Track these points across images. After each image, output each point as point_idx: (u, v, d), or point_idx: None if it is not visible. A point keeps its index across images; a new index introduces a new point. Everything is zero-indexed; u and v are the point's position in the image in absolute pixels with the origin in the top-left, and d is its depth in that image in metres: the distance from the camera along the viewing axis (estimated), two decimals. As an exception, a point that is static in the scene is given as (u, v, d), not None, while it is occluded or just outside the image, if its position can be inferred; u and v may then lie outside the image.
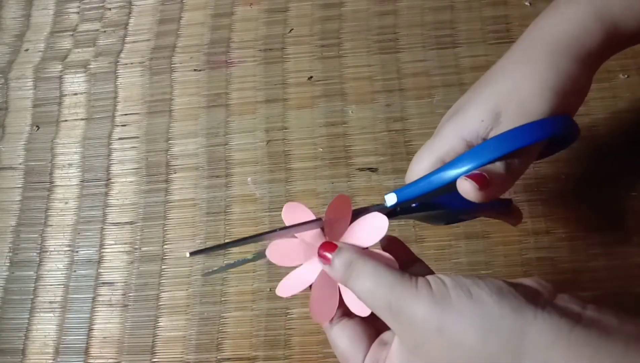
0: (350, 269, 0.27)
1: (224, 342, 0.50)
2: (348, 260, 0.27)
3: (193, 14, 0.63)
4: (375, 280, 0.26)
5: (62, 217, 0.56)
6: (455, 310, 0.23)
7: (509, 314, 0.22)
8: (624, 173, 0.51)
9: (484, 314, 0.22)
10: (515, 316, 0.22)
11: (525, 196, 0.51)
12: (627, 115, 0.53)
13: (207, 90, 0.59)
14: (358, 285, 0.26)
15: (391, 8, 0.60)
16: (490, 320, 0.22)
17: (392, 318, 0.25)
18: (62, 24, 0.65)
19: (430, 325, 0.23)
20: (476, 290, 0.23)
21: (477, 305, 0.23)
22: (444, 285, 0.24)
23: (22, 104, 0.62)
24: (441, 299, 0.23)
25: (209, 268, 0.52)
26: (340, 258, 0.27)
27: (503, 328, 0.22)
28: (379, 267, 0.26)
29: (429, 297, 0.24)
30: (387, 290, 0.25)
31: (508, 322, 0.22)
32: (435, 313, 0.23)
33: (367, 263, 0.26)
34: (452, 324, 0.23)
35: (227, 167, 0.56)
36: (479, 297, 0.23)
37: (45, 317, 0.53)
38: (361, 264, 0.27)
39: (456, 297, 0.23)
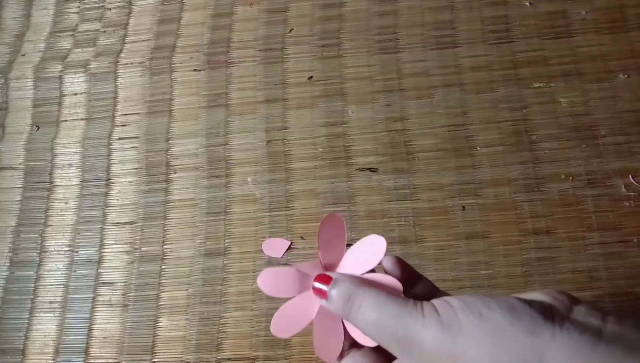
0: (350, 302, 0.25)
1: (224, 342, 0.50)
2: (347, 292, 0.25)
3: (193, 14, 0.63)
4: (379, 311, 0.24)
5: (62, 217, 0.56)
6: (466, 335, 0.21)
7: (525, 336, 0.21)
8: (624, 173, 0.51)
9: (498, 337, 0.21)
10: (532, 337, 0.20)
11: (525, 196, 0.51)
12: (627, 115, 0.53)
13: (207, 90, 0.59)
14: (360, 318, 0.25)
15: (391, 8, 0.60)
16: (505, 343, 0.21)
17: (400, 351, 0.23)
18: (62, 24, 0.65)
19: (443, 354, 0.22)
20: (487, 312, 0.22)
21: (489, 328, 0.21)
22: (452, 309, 0.22)
23: (22, 104, 0.62)
24: (450, 325, 0.22)
25: (210, 269, 0.52)
26: (338, 290, 0.26)
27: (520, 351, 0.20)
28: (381, 296, 0.24)
29: (437, 323, 0.22)
30: (392, 321, 0.23)
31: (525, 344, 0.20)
32: (446, 340, 0.22)
33: (368, 294, 0.25)
34: (465, 351, 0.21)
35: (227, 167, 0.56)
36: (491, 319, 0.21)
37: (45, 317, 0.53)
38: (361, 295, 0.25)
39: (466, 321, 0.22)
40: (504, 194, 0.51)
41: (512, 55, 0.56)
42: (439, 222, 0.51)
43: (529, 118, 0.54)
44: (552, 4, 0.58)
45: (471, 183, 0.52)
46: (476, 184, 0.52)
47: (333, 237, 0.28)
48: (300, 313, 0.28)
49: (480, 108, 0.55)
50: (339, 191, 0.53)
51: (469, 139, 0.54)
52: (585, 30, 0.57)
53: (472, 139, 0.54)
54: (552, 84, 0.55)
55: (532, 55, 0.56)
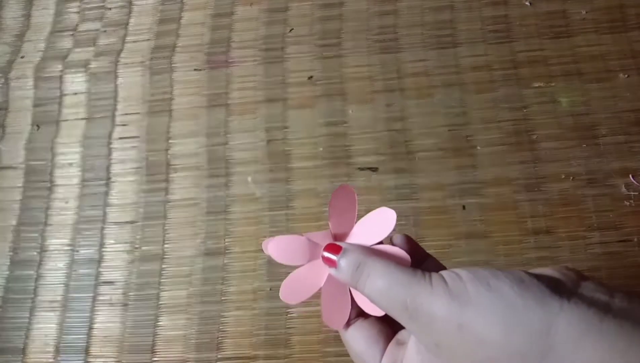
0: (359, 271, 0.25)
1: (224, 341, 0.50)
2: (356, 261, 0.26)
3: (193, 14, 0.63)
4: (388, 279, 0.24)
5: (63, 216, 0.56)
6: (475, 305, 0.21)
7: (533, 306, 0.21)
8: (624, 173, 0.51)
9: (506, 307, 0.21)
10: (540, 308, 0.20)
11: (525, 196, 0.51)
12: (627, 115, 0.53)
13: (207, 90, 0.59)
14: (369, 286, 0.25)
15: (391, 8, 0.60)
16: (514, 313, 0.21)
17: (408, 319, 0.23)
18: (62, 24, 0.65)
19: (451, 323, 0.22)
20: (496, 283, 0.22)
21: (498, 299, 0.21)
22: (460, 280, 0.23)
23: (22, 103, 0.62)
24: (459, 295, 0.22)
25: (211, 268, 0.52)
26: (347, 259, 0.26)
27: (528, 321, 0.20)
28: (390, 266, 0.25)
29: (446, 293, 0.22)
30: (401, 290, 0.23)
31: (533, 314, 0.21)
32: (454, 309, 0.22)
33: (377, 263, 0.25)
34: (473, 320, 0.21)
35: (228, 167, 0.56)
36: (499, 290, 0.21)
37: (46, 316, 0.53)
38: (370, 264, 0.25)
39: (475, 292, 0.22)
40: (504, 194, 0.51)
41: (512, 55, 0.56)
42: (439, 221, 0.51)
43: (529, 118, 0.54)
44: (552, 4, 0.58)
45: (471, 183, 0.52)
46: (476, 184, 0.52)
47: (344, 208, 0.29)
48: (309, 280, 0.28)
49: (481, 108, 0.55)
50: (339, 191, 0.53)
51: (469, 138, 0.54)
52: (585, 30, 0.57)
53: (472, 138, 0.54)
54: (552, 84, 0.55)
55: (532, 55, 0.56)
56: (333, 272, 0.27)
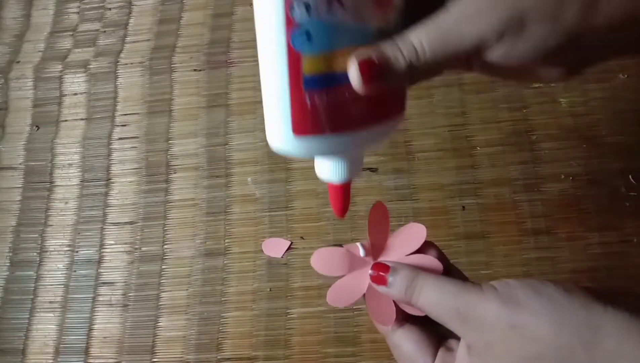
0: (412, 287, 0.27)
1: (224, 341, 0.50)
2: (409, 278, 0.27)
3: (193, 14, 0.63)
4: (440, 290, 0.26)
5: (62, 217, 0.56)
6: (526, 307, 0.23)
7: (580, 308, 0.22)
8: (624, 173, 0.51)
9: (555, 309, 0.23)
10: (586, 310, 0.22)
11: (525, 196, 0.51)
12: (627, 115, 0.53)
13: (207, 90, 0.59)
14: (422, 299, 0.27)
15: (391, 8, 0.60)
16: (562, 314, 0.22)
17: (460, 323, 0.25)
18: (62, 24, 0.65)
19: (503, 323, 0.23)
20: (544, 288, 0.24)
21: (547, 301, 0.23)
22: (510, 286, 0.24)
23: (22, 104, 0.62)
24: (509, 299, 0.24)
25: (210, 269, 0.52)
26: (399, 277, 0.28)
27: (575, 321, 0.22)
28: (441, 279, 0.26)
29: (496, 297, 0.24)
30: (453, 298, 0.25)
31: (579, 315, 0.22)
32: (505, 312, 0.23)
33: (428, 277, 0.27)
34: (525, 320, 0.23)
35: (227, 167, 0.56)
36: (547, 294, 0.23)
37: (46, 316, 0.53)
38: (422, 279, 0.27)
39: (524, 296, 0.24)
40: (504, 194, 0.51)
41: (512, 55, 0.56)
42: (439, 222, 0.51)
43: (529, 118, 0.54)
44: (552, 4, 0.58)
45: (471, 183, 0.52)
46: (476, 184, 0.52)
47: (379, 223, 0.31)
48: (352, 288, 0.30)
49: (480, 108, 0.55)
50: (339, 191, 0.53)
51: (469, 139, 0.54)
52: (585, 30, 0.57)
53: (472, 138, 0.54)
54: (552, 84, 0.55)
55: (532, 55, 0.56)
56: (383, 289, 0.28)
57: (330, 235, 0.52)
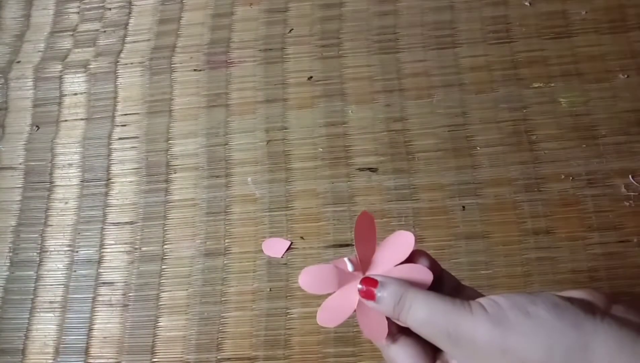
0: (401, 304, 0.26)
1: (224, 341, 0.50)
2: (397, 294, 0.27)
3: (193, 14, 0.63)
4: (429, 310, 0.25)
5: (62, 217, 0.56)
6: (516, 331, 0.23)
7: (570, 330, 0.22)
8: (624, 173, 0.51)
9: (546, 331, 0.23)
10: (577, 330, 0.22)
11: (525, 196, 0.51)
12: (627, 115, 0.53)
13: (207, 90, 0.59)
14: (411, 317, 0.26)
15: (391, 8, 0.60)
16: (553, 335, 0.22)
17: (452, 345, 0.25)
18: (62, 24, 0.65)
19: (494, 348, 0.23)
20: (533, 309, 0.23)
21: (537, 325, 0.23)
22: (499, 307, 0.24)
23: (22, 104, 0.62)
24: (500, 321, 0.23)
25: (210, 269, 0.52)
26: (388, 292, 0.27)
27: (566, 342, 0.22)
28: (430, 296, 0.26)
29: (487, 320, 0.24)
30: (442, 318, 0.25)
31: (570, 335, 0.22)
32: (496, 335, 0.23)
33: (418, 294, 0.26)
34: (516, 344, 0.23)
35: (227, 167, 0.56)
36: (537, 315, 0.23)
37: (46, 316, 0.53)
38: (411, 296, 0.26)
39: (514, 318, 0.23)
40: (504, 194, 0.51)
41: (512, 55, 0.56)
42: (439, 222, 0.51)
43: (529, 118, 0.54)
44: (552, 4, 0.58)
45: (471, 184, 0.52)
46: (476, 184, 0.52)
47: (366, 234, 0.30)
48: (342, 305, 0.29)
49: (480, 108, 0.55)
50: (339, 191, 0.53)
51: (469, 139, 0.54)
52: (585, 30, 0.57)
53: (472, 139, 0.54)
54: (552, 84, 0.55)
55: (532, 55, 0.56)
56: (372, 304, 0.28)
57: (331, 235, 0.52)
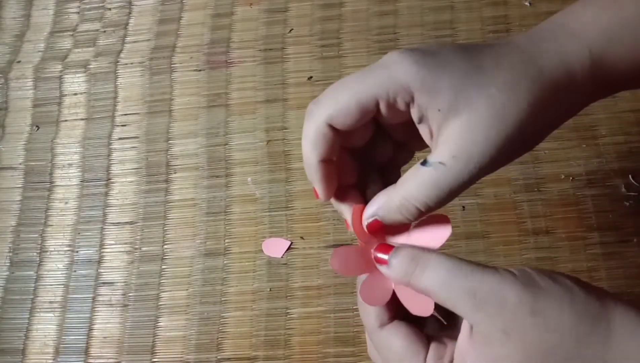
0: (413, 264, 0.25)
1: (224, 341, 0.50)
2: (410, 256, 0.26)
3: (193, 14, 0.63)
4: (449, 268, 0.24)
5: (62, 217, 0.56)
6: (547, 295, 0.23)
7: (594, 299, 0.23)
8: (624, 173, 0.51)
9: (574, 299, 0.23)
10: (600, 302, 0.23)
11: (525, 196, 0.51)
12: (627, 115, 0.53)
13: (207, 90, 0.59)
14: (427, 277, 0.25)
15: (391, 8, 0.60)
16: (580, 304, 0.23)
17: (474, 306, 0.23)
18: (62, 24, 0.65)
19: (524, 309, 0.23)
20: (560, 278, 0.24)
21: (567, 291, 0.23)
22: (528, 273, 0.24)
23: (22, 104, 0.62)
24: (530, 283, 0.23)
25: (210, 269, 0.52)
26: (401, 257, 0.26)
27: (592, 311, 0.23)
28: (449, 257, 0.25)
29: (516, 280, 0.23)
30: (464, 278, 0.24)
31: (595, 306, 0.23)
32: (527, 296, 0.23)
33: (434, 255, 0.25)
34: (547, 307, 0.23)
35: (227, 167, 0.56)
36: (566, 284, 0.23)
37: (45, 316, 0.53)
38: (426, 257, 0.25)
39: (545, 284, 0.23)
40: (504, 194, 0.51)
41: (512, 55, 0.56)
42: (439, 222, 0.51)
43: (529, 118, 0.54)
44: (552, 4, 0.58)
45: (471, 183, 0.52)
46: (476, 184, 0.52)
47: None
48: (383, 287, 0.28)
49: (480, 108, 0.55)
50: (339, 191, 0.53)
51: (469, 139, 0.54)
52: (585, 30, 0.57)
53: (472, 139, 0.54)
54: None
55: (532, 55, 0.56)
56: (384, 269, 0.27)
57: (330, 235, 0.52)
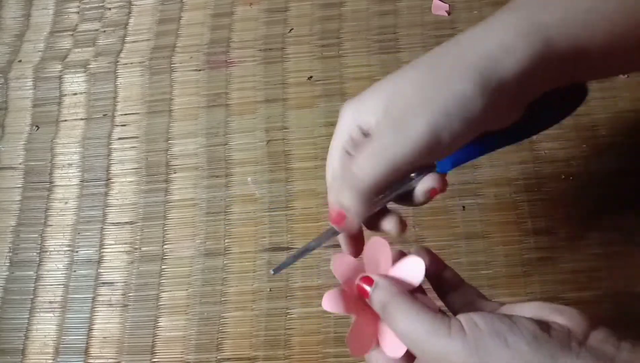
0: (388, 309, 0.27)
1: (224, 342, 0.50)
2: (383, 300, 0.28)
3: (193, 14, 0.63)
4: (409, 323, 0.26)
5: (62, 217, 0.56)
6: (493, 360, 0.23)
7: (547, 360, 0.23)
8: (624, 173, 0.51)
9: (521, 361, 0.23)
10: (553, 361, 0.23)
11: (525, 196, 0.51)
12: (627, 115, 0.53)
13: (207, 90, 0.59)
14: (394, 325, 0.27)
15: (391, 8, 0.60)
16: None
17: (425, 361, 0.25)
18: (62, 24, 0.65)
19: None
20: (512, 339, 0.24)
21: (515, 355, 0.23)
22: (480, 331, 0.24)
23: (22, 103, 0.62)
24: (477, 347, 0.24)
25: (210, 269, 0.52)
26: (377, 294, 0.28)
27: None
28: (413, 309, 0.26)
29: (464, 344, 0.24)
30: (421, 335, 0.25)
31: None
32: (472, 361, 0.24)
33: (401, 306, 0.27)
34: None
35: (227, 167, 0.56)
36: (516, 346, 0.23)
37: (45, 317, 0.53)
38: (395, 305, 0.27)
39: (493, 346, 0.24)
40: (504, 194, 0.51)
41: (512, 55, 0.56)
42: (439, 222, 0.51)
43: (529, 118, 0.54)
44: (552, 3, 0.58)
45: (471, 183, 0.52)
46: (476, 184, 0.52)
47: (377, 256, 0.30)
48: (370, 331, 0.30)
49: (480, 108, 0.55)
50: (339, 191, 0.53)
51: (469, 138, 0.54)
52: (585, 30, 0.57)
53: (472, 138, 0.54)
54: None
55: (532, 55, 0.56)
56: (368, 301, 0.29)
57: (330, 235, 0.52)
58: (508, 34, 0.26)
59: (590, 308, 0.47)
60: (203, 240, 0.53)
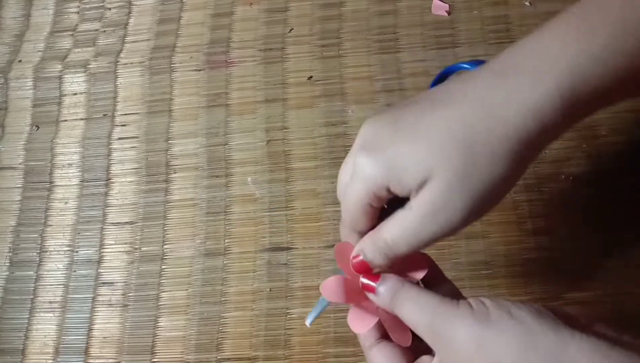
0: (395, 297, 0.28)
1: (224, 342, 0.50)
2: (394, 289, 0.29)
3: (193, 14, 0.63)
4: (419, 304, 0.27)
5: (62, 217, 0.56)
6: (495, 328, 0.24)
7: (548, 331, 0.23)
8: (624, 173, 0.51)
9: (524, 331, 0.24)
10: (554, 334, 0.23)
11: (525, 196, 0.51)
12: (627, 115, 0.53)
13: (207, 90, 0.59)
14: (403, 312, 0.28)
15: (391, 8, 0.60)
16: (530, 336, 0.23)
17: (434, 339, 0.26)
18: (61, 24, 0.65)
19: (471, 342, 0.24)
20: (516, 311, 0.25)
21: (517, 323, 0.24)
22: (485, 306, 0.25)
23: (21, 103, 0.62)
24: (482, 318, 0.25)
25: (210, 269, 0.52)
26: (385, 286, 0.29)
27: (542, 344, 0.23)
28: (421, 293, 0.28)
29: (470, 315, 0.25)
30: (429, 312, 0.27)
31: (547, 337, 0.23)
32: (475, 330, 0.25)
33: (411, 290, 0.28)
34: (493, 340, 0.24)
35: (227, 167, 0.56)
36: (519, 316, 0.24)
37: (45, 316, 0.53)
38: (404, 292, 0.28)
39: (497, 316, 0.25)
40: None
41: (512, 55, 0.56)
42: (439, 222, 0.51)
43: (529, 118, 0.54)
44: (552, 4, 0.58)
45: (471, 183, 0.52)
46: (476, 184, 0.52)
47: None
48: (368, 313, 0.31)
49: (480, 108, 0.55)
50: (339, 191, 0.53)
51: (469, 138, 0.54)
52: (585, 30, 0.57)
53: (472, 138, 0.54)
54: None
55: (532, 55, 0.56)
56: (371, 297, 0.30)
57: (331, 235, 0.52)
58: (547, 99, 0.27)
59: (590, 308, 0.47)
60: (203, 240, 0.53)
